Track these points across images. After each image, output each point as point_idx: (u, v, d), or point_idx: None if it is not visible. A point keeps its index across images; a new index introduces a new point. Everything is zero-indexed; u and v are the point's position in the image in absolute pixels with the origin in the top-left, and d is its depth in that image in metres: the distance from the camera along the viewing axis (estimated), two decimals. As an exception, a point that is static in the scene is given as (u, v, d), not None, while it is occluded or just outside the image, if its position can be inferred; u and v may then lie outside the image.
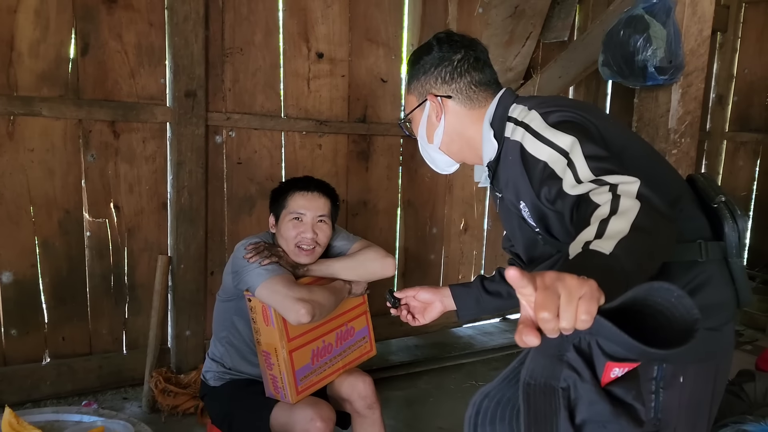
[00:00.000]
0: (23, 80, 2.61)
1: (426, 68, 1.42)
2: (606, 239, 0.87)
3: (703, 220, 1.30)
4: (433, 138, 1.45)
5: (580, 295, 0.72)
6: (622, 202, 0.93)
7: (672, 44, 2.30)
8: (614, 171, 1.03)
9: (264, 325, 1.91)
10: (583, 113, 1.24)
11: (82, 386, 2.88)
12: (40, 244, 2.74)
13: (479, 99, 1.40)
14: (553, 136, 1.18)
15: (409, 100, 1.49)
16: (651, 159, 1.30)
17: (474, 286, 1.69)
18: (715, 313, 1.26)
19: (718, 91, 5.08)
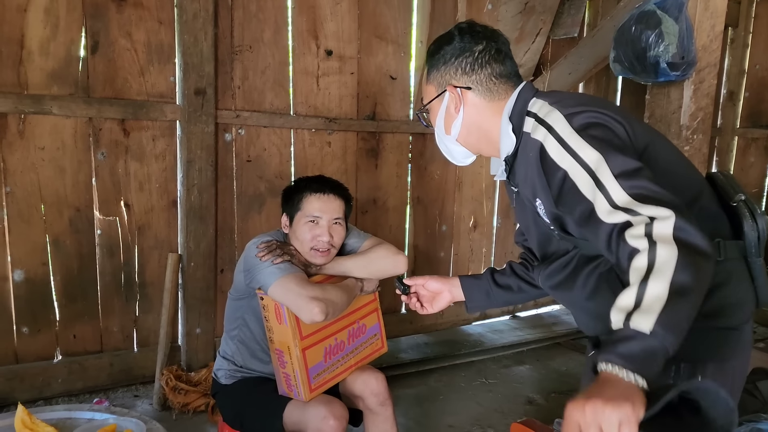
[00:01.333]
0: (33, 79, 2.62)
1: (446, 58, 1.40)
2: (645, 313, 0.91)
3: (722, 218, 1.29)
4: (451, 129, 1.43)
5: (618, 427, 0.83)
6: (659, 253, 0.95)
7: (684, 40, 2.28)
8: (648, 195, 1.03)
9: (277, 323, 1.91)
10: (608, 112, 1.22)
11: (93, 384, 2.89)
12: (51, 243, 2.75)
13: (499, 91, 1.38)
14: (577, 145, 1.16)
15: (428, 90, 1.46)
16: (674, 156, 1.29)
17: (484, 279, 1.69)
18: (733, 312, 1.25)
19: (729, 87, 5.05)
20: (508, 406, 3.10)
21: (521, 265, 1.67)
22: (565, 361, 3.75)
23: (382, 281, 2.19)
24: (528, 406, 3.13)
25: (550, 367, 3.65)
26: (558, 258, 1.39)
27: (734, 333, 1.27)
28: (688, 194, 1.24)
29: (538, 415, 3.02)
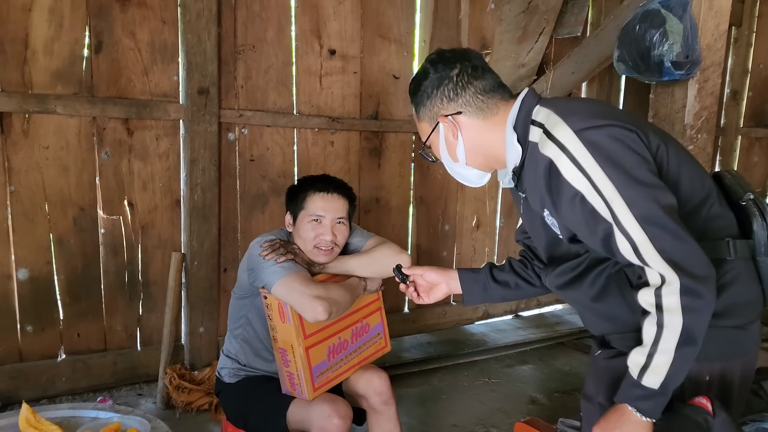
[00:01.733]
0: (38, 78, 2.62)
1: (429, 92, 1.40)
2: (654, 373, 1.16)
3: (731, 217, 1.29)
4: (457, 156, 1.43)
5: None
6: (666, 323, 1.14)
7: (689, 39, 2.27)
8: (659, 246, 1.13)
9: (280, 322, 1.91)
10: (618, 123, 1.20)
11: (97, 382, 2.90)
12: (55, 242, 2.75)
13: (489, 107, 1.38)
14: (592, 168, 1.16)
15: (423, 127, 1.47)
16: (683, 159, 1.28)
17: (482, 273, 1.70)
18: (741, 311, 1.25)
19: (732, 87, 5.03)
20: (511, 406, 3.10)
21: (520, 262, 1.68)
22: (569, 360, 3.74)
23: (386, 280, 2.19)
24: (531, 405, 3.13)
25: (553, 366, 3.64)
26: (568, 260, 1.39)
27: (742, 332, 1.28)
28: (698, 196, 1.24)
29: (541, 414, 3.02)
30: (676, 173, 1.23)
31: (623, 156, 1.17)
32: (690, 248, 1.13)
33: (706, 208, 1.25)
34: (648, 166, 1.18)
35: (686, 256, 1.12)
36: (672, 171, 1.23)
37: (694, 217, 1.24)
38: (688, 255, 1.13)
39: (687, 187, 1.24)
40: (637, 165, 1.16)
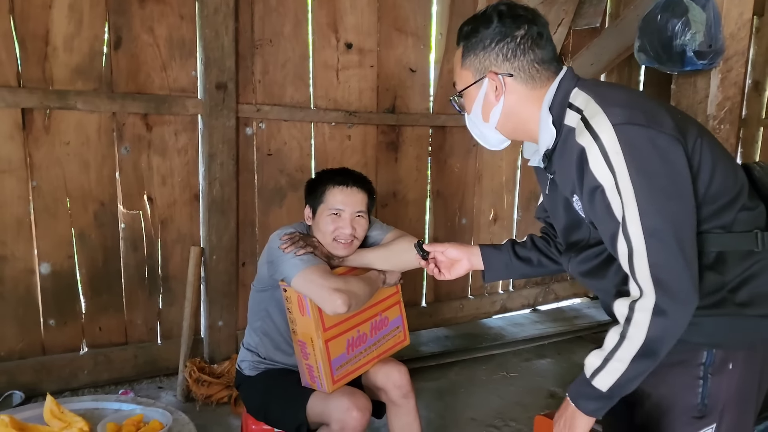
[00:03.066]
0: (58, 74, 2.65)
1: (486, 43, 1.32)
2: (606, 375, 1.22)
3: (760, 209, 1.28)
4: (489, 117, 1.37)
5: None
6: (630, 335, 1.18)
7: (711, 28, 2.24)
8: (652, 271, 1.14)
9: (300, 315, 1.92)
10: (661, 126, 1.17)
11: (118, 375, 2.93)
12: (76, 236, 2.79)
13: (541, 78, 1.32)
14: (619, 166, 1.14)
15: (463, 75, 1.38)
16: (719, 153, 1.26)
17: (504, 250, 1.68)
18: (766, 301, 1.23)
19: (754, 77, 4.94)
20: (529, 400, 3.09)
21: (542, 239, 1.66)
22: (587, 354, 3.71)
23: (405, 274, 2.19)
24: (550, 399, 3.11)
25: (571, 360, 3.62)
26: (589, 247, 1.38)
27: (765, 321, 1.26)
28: (732, 190, 1.23)
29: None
30: (712, 168, 1.21)
31: (654, 163, 1.14)
32: (682, 273, 1.14)
33: (739, 201, 1.23)
34: (678, 179, 1.15)
35: (674, 279, 1.13)
36: (708, 166, 1.21)
37: (728, 210, 1.23)
38: (676, 278, 1.14)
39: (721, 181, 1.22)
40: (666, 176, 1.14)
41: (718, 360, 1.25)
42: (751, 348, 1.27)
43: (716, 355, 1.25)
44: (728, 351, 1.25)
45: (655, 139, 1.15)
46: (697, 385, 1.26)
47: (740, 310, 1.21)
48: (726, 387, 1.26)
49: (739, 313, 1.21)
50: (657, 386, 1.32)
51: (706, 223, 1.22)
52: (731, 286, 1.22)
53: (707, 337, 1.24)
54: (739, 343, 1.25)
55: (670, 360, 1.27)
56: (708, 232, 1.22)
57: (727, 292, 1.22)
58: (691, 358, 1.26)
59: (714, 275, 1.22)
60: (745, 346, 1.26)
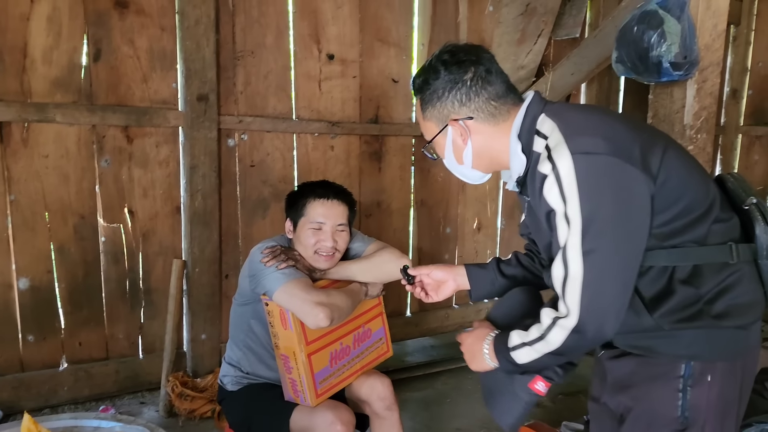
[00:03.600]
0: (37, 87, 2.62)
1: (439, 94, 1.36)
2: (523, 354, 1.30)
3: (734, 221, 1.29)
4: (463, 159, 1.42)
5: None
6: (548, 338, 1.25)
7: (687, 39, 2.27)
8: (583, 295, 1.18)
9: (282, 329, 1.91)
10: (619, 153, 1.18)
11: (99, 391, 2.89)
12: (55, 250, 2.75)
13: (501, 112, 1.36)
14: (570, 194, 1.18)
15: (428, 126, 1.43)
16: (688, 168, 1.27)
17: (490, 268, 1.69)
18: (744, 312, 1.25)
19: (732, 85, 5.03)
20: (514, 409, 3.08)
21: (527, 256, 1.68)
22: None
23: (387, 285, 2.19)
24: (535, 408, 3.12)
25: (556, 368, 3.62)
26: None
27: (744, 332, 1.28)
28: (704, 204, 1.25)
29: (545, 417, 3.01)
30: (681, 182, 1.23)
31: (606, 193, 1.16)
32: (611, 305, 1.18)
33: (712, 214, 1.25)
34: (629, 209, 1.17)
35: (601, 309, 1.18)
36: (677, 180, 1.22)
37: (701, 223, 1.24)
38: (603, 309, 1.18)
39: (692, 195, 1.24)
40: (616, 207, 1.16)
41: (697, 372, 1.26)
42: (729, 359, 1.28)
43: (694, 367, 1.26)
44: (706, 363, 1.26)
45: (612, 167, 1.17)
46: (677, 398, 1.27)
47: (717, 322, 1.23)
48: (706, 399, 1.27)
49: (715, 325, 1.23)
50: (638, 400, 1.33)
51: (680, 237, 1.24)
52: (707, 299, 1.23)
53: (685, 350, 1.26)
54: (716, 354, 1.26)
55: (650, 373, 1.29)
56: (682, 246, 1.24)
57: (703, 305, 1.23)
58: (670, 370, 1.28)
59: (690, 289, 1.23)
60: (723, 357, 1.27)
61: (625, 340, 1.34)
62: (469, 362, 1.48)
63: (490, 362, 1.39)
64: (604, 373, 1.43)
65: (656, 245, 1.23)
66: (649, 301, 1.26)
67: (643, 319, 1.25)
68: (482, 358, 1.41)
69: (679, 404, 1.27)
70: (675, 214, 1.22)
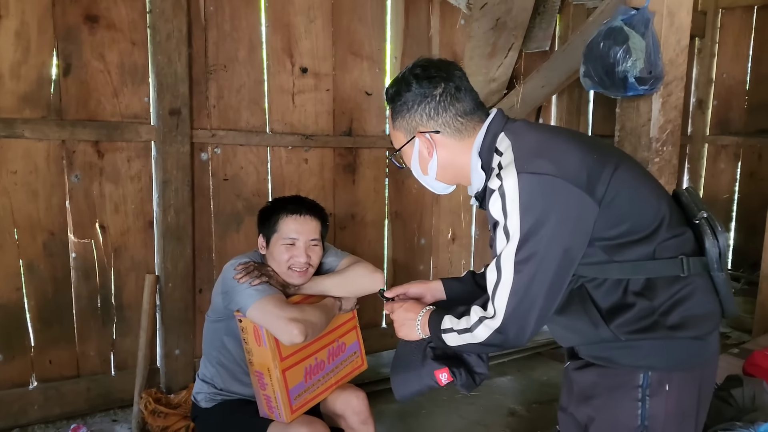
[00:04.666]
0: (4, 102, 2.59)
1: (409, 105, 1.42)
2: (451, 338, 1.38)
3: (687, 235, 1.33)
4: (428, 170, 1.47)
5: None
6: (474, 333, 1.32)
7: (651, 55, 2.33)
8: (510, 299, 1.25)
9: (256, 345, 1.90)
10: (562, 172, 1.23)
11: (71, 409, 2.85)
12: (24, 267, 2.71)
13: (467, 129, 1.41)
14: (512, 209, 1.24)
15: (397, 135, 1.49)
16: (636, 189, 1.31)
17: (466, 281, 1.73)
18: (699, 323, 1.29)
19: (698, 96, 5.17)
20: (490, 419, 3.11)
21: None
22: (546, 370, 3.77)
23: (361, 298, 2.20)
24: (510, 417, 3.14)
25: (531, 377, 3.67)
26: None
27: (700, 343, 1.32)
28: (652, 223, 1.29)
29: (520, 426, 3.04)
30: (630, 204, 1.27)
31: (547, 209, 1.22)
32: (532, 314, 1.24)
33: (659, 234, 1.29)
34: (566, 227, 1.22)
35: (523, 316, 1.24)
36: (626, 202, 1.27)
37: (647, 242, 1.29)
38: (525, 316, 1.24)
39: (639, 216, 1.29)
40: (553, 223, 1.21)
41: (654, 382, 1.30)
42: (686, 369, 1.32)
43: (652, 377, 1.30)
44: (663, 373, 1.30)
45: (556, 187, 1.22)
46: (637, 407, 1.31)
47: (672, 333, 1.27)
48: (664, 408, 1.30)
49: (671, 336, 1.27)
50: (600, 409, 1.36)
51: (629, 253, 1.28)
52: (662, 311, 1.27)
53: (643, 360, 1.29)
54: (673, 364, 1.30)
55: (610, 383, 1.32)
56: (632, 261, 1.28)
57: (658, 316, 1.27)
58: (629, 381, 1.31)
59: (643, 301, 1.27)
60: (680, 367, 1.31)
61: (587, 351, 1.38)
62: (398, 329, 1.56)
63: (420, 333, 1.49)
64: (571, 384, 1.46)
65: (607, 259, 1.28)
66: (606, 313, 1.30)
67: (600, 330, 1.29)
68: (412, 327, 1.51)
69: (639, 413, 1.31)
70: (622, 231, 1.27)
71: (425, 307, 1.52)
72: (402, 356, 1.61)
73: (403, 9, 3.62)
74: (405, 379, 1.59)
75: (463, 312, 1.37)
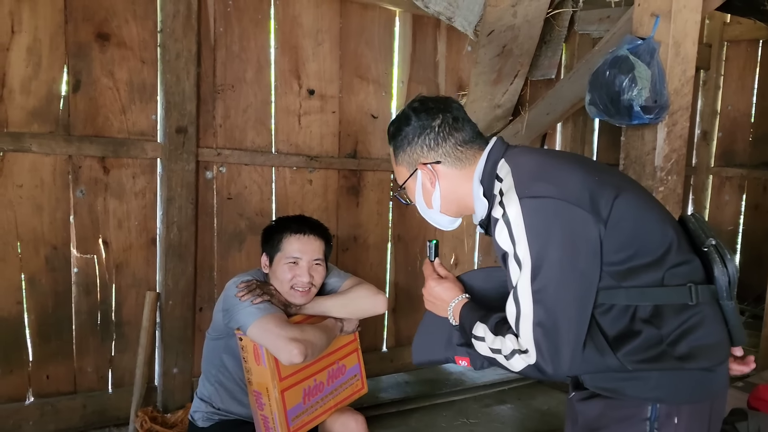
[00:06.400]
0: (14, 116, 2.61)
1: (409, 139, 1.45)
2: (483, 349, 1.33)
3: (695, 263, 1.31)
4: (432, 203, 1.48)
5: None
6: (512, 363, 1.26)
7: (657, 84, 2.34)
8: (536, 333, 1.21)
9: (255, 364, 1.89)
10: (564, 195, 1.23)
11: (66, 426, 2.81)
12: (26, 281, 2.70)
13: (467, 157, 1.43)
14: (519, 235, 1.23)
15: (400, 171, 1.51)
16: (641, 216, 1.30)
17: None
18: (708, 353, 1.26)
19: (702, 127, 5.18)
20: (489, 447, 3.07)
21: None
22: (547, 400, 3.73)
23: (362, 321, 2.18)
24: (510, 446, 3.10)
25: (531, 406, 3.62)
26: None
27: (710, 374, 1.29)
28: (658, 250, 1.27)
29: (519, 455, 2.99)
30: (635, 229, 1.26)
31: (553, 234, 1.21)
32: (563, 342, 1.20)
33: (666, 261, 1.27)
34: (576, 250, 1.21)
35: (552, 348, 1.20)
36: (630, 226, 1.26)
37: (654, 269, 1.27)
38: (554, 347, 1.20)
39: (644, 242, 1.27)
40: (563, 247, 1.20)
41: (663, 414, 1.27)
42: (696, 401, 1.29)
43: (660, 409, 1.27)
44: (672, 405, 1.27)
45: (559, 209, 1.22)
46: None
47: (681, 364, 1.24)
48: None
49: (680, 366, 1.24)
50: None
51: (636, 279, 1.26)
52: (670, 340, 1.25)
53: (651, 392, 1.26)
54: (682, 397, 1.27)
55: (618, 416, 1.29)
56: (640, 287, 1.26)
57: (666, 346, 1.24)
58: (636, 413, 1.28)
59: (651, 329, 1.25)
60: (689, 400, 1.28)
61: (592, 381, 1.35)
62: (428, 305, 1.56)
63: (451, 318, 1.48)
64: (576, 416, 1.43)
65: (615, 284, 1.26)
66: (613, 340, 1.27)
67: (607, 359, 1.26)
68: (444, 310, 1.50)
69: None
70: (629, 255, 1.26)
71: (461, 294, 1.48)
72: (428, 324, 1.60)
73: (411, 34, 3.66)
74: (426, 349, 1.60)
75: (498, 328, 1.30)
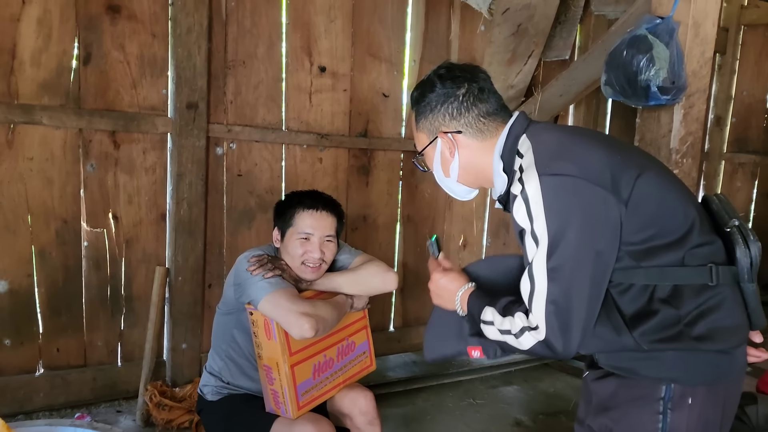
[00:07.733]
0: (24, 89, 2.60)
1: (432, 106, 1.42)
2: (492, 333, 1.32)
3: (717, 243, 1.29)
4: (449, 172, 1.47)
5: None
6: (520, 340, 1.26)
7: (675, 65, 2.30)
8: (555, 309, 1.19)
9: (266, 338, 1.89)
10: (585, 174, 1.21)
11: (76, 398, 2.84)
12: (36, 254, 2.71)
13: (489, 129, 1.40)
14: (537, 213, 1.21)
15: (420, 137, 1.49)
16: (663, 194, 1.27)
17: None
18: (726, 335, 1.25)
19: (716, 113, 5.12)
20: (495, 428, 3.08)
21: None
22: (553, 382, 3.73)
23: (372, 298, 2.18)
24: (516, 427, 3.11)
25: (538, 388, 3.63)
26: None
27: (727, 356, 1.27)
28: (680, 229, 1.25)
29: (525, 436, 3.00)
30: (657, 208, 1.24)
31: (571, 212, 1.19)
32: (575, 320, 1.19)
33: (690, 238, 1.25)
34: (594, 229, 1.20)
35: (565, 324, 1.19)
36: (652, 206, 1.23)
37: (675, 249, 1.24)
38: (568, 323, 1.19)
39: (666, 221, 1.24)
40: (581, 226, 1.19)
41: (677, 395, 1.25)
42: (711, 383, 1.27)
43: (675, 390, 1.25)
44: (687, 386, 1.25)
45: (580, 188, 1.20)
46: (657, 420, 1.26)
47: (698, 345, 1.22)
48: (686, 422, 1.26)
49: (696, 347, 1.22)
50: (618, 421, 1.32)
51: (657, 258, 1.24)
52: (687, 320, 1.23)
53: (666, 372, 1.25)
54: (698, 378, 1.26)
55: (631, 395, 1.28)
56: (659, 266, 1.24)
57: (683, 326, 1.23)
58: (650, 392, 1.27)
59: (669, 309, 1.23)
60: (704, 381, 1.26)
61: (607, 360, 1.34)
62: (435, 298, 1.53)
63: (459, 309, 1.45)
64: (590, 395, 1.42)
65: (634, 264, 1.24)
66: (630, 319, 1.25)
67: (623, 338, 1.25)
68: (450, 301, 1.46)
69: (659, 426, 1.27)
70: (650, 235, 1.23)
71: (467, 283, 1.46)
72: (438, 319, 1.58)
73: (424, 12, 3.62)
74: (438, 344, 1.57)
75: (506, 309, 1.30)
